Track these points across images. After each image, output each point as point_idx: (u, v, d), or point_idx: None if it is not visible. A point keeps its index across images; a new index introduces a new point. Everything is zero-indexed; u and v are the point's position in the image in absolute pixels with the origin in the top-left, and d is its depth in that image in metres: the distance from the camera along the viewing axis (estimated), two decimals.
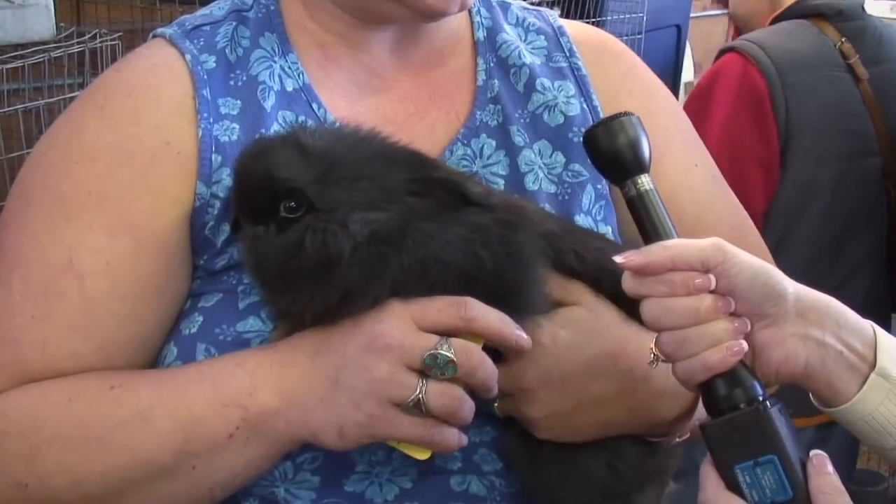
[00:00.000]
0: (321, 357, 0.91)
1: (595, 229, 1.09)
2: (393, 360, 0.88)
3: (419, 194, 0.92)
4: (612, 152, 0.91)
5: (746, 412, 0.86)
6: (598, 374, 0.95)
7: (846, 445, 2.36)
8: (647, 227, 0.90)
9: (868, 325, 0.91)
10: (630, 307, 0.94)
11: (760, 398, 0.86)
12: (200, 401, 0.92)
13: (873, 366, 0.89)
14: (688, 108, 2.31)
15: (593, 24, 2.33)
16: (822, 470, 0.85)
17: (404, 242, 0.89)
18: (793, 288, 0.89)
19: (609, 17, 3.12)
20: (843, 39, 2.30)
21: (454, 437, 0.90)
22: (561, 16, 1.23)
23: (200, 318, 0.99)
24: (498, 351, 0.93)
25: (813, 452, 0.87)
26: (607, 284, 0.96)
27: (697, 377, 0.87)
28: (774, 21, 2.42)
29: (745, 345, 0.86)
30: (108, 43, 2.08)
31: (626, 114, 0.92)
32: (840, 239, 2.34)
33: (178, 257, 1.01)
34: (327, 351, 0.91)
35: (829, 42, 2.31)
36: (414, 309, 0.89)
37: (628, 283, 0.88)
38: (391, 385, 0.88)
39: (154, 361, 1.02)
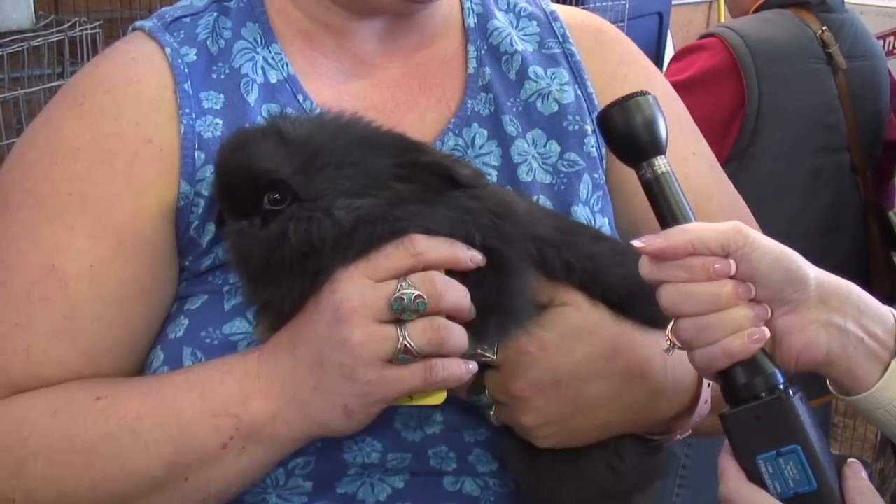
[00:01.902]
0: (300, 348, 0.89)
1: (592, 220, 1.07)
2: (363, 321, 0.85)
3: (406, 179, 0.90)
4: (628, 133, 0.89)
5: (768, 401, 0.84)
6: (592, 376, 0.93)
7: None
8: (664, 210, 0.88)
9: (888, 312, 0.89)
10: (622, 310, 0.94)
11: (782, 386, 0.85)
12: (189, 411, 0.90)
13: (894, 353, 0.87)
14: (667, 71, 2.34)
15: None
16: (859, 475, 0.84)
17: (390, 221, 0.87)
18: (814, 273, 0.87)
19: (592, 5, 3.11)
20: (823, 28, 2.30)
21: (458, 366, 0.88)
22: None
23: (186, 322, 0.97)
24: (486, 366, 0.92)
25: (850, 459, 0.86)
26: (597, 293, 0.94)
27: (717, 365, 0.85)
28: (759, 9, 2.41)
29: (766, 331, 0.85)
30: (88, 32, 2.06)
31: (642, 93, 0.90)
32: (814, 235, 2.33)
33: (163, 259, 0.99)
34: (302, 339, 0.89)
35: (809, 33, 2.30)
36: (363, 266, 0.87)
37: (646, 269, 0.86)
38: (372, 344, 0.85)
39: (141, 366, 1.00)
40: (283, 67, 1.04)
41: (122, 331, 0.97)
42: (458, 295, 0.87)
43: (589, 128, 1.09)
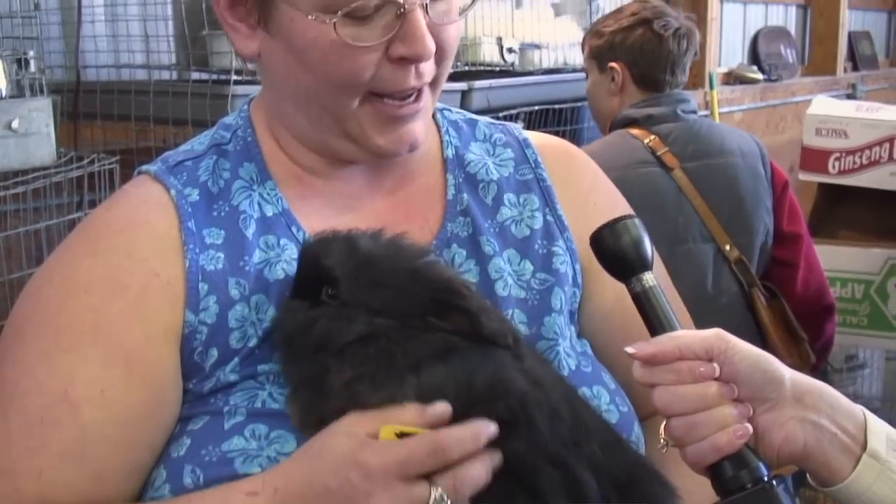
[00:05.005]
0: None
1: (564, 329, 1.15)
2: None
3: (439, 316, 0.98)
4: (618, 252, 1.00)
5: (754, 491, 0.92)
6: None
7: None
8: (652, 320, 0.98)
9: (859, 409, 0.98)
10: None
11: (766, 478, 0.93)
12: None
13: (865, 447, 0.95)
14: None
15: None
16: None
17: (390, 347, 0.96)
18: (789, 374, 0.96)
19: None
20: (652, 137, 2.54)
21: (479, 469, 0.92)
22: None
23: (188, 441, 1.03)
24: None
25: None
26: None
27: (707, 459, 0.93)
28: (611, 129, 2.67)
29: (749, 428, 0.93)
30: (106, 167, 2.13)
31: (629, 216, 1.01)
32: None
33: (169, 384, 1.04)
34: None
35: (638, 143, 2.53)
36: (394, 468, 0.91)
37: (638, 372, 0.95)
38: None
39: (143, 486, 1.04)
40: (277, 202, 1.12)
41: (129, 452, 1.02)
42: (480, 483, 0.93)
43: (558, 249, 1.18)
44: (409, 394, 0.95)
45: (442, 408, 0.93)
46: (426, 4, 1.03)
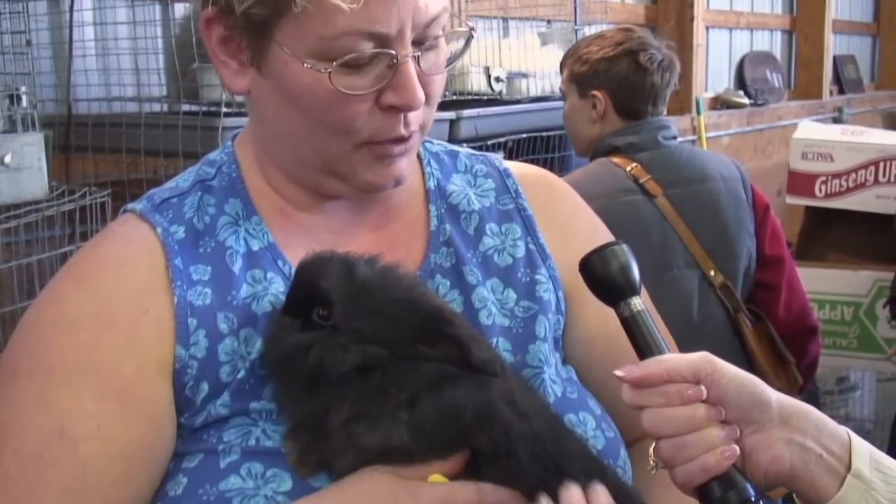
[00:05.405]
0: None
1: (551, 354, 1.16)
2: None
3: (428, 344, 0.99)
4: (606, 277, 1.01)
5: None
6: None
7: None
8: (640, 344, 1.00)
9: (843, 431, 0.99)
10: None
11: (753, 498, 0.94)
12: None
13: (849, 468, 0.96)
14: None
15: None
16: None
17: (385, 381, 0.97)
18: (775, 396, 0.98)
19: None
20: (634, 165, 2.55)
21: None
22: None
23: (185, 480, 1.03)
24: None
25: None
26: None
27: (696, 480, 0.95)
28: (592, 157, 2.68)
29: (737, 449, 0.94)
30: (98, 200, 2.14)
31: (616, 242, 1.03)
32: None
33: (164, 417, 1.05)
34: None
35: (620, 172, 2.54)
36: (441, 498, 0.95)
37: (628, 395, 0.97)
38: None
39: None
40: (263, 236, 1.13)
41: (128, 487, 1.02)
42: None
43: (541, 277, 1.19)
44: (403, 432, 0.97)
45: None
46: (418, 56, 1.05)
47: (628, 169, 2.54)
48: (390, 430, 0.97)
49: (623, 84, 2.62)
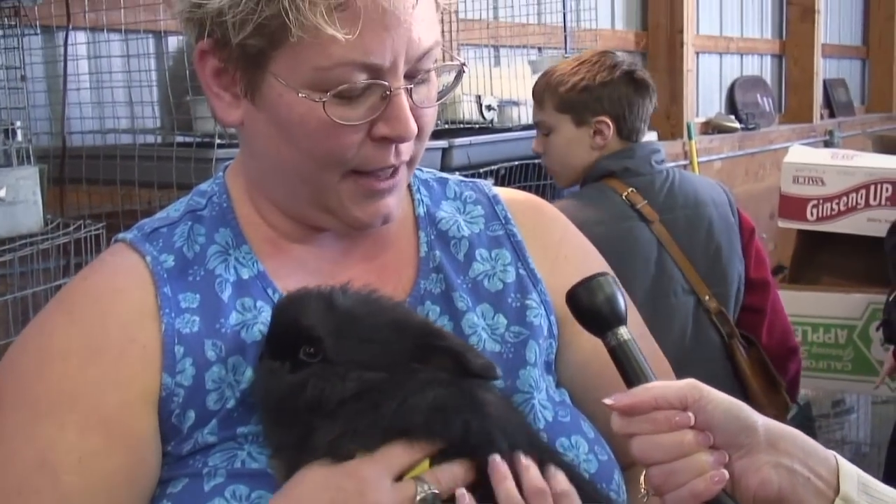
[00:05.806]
0: None
1: (540, 381, 1.17)
2: None
3: (423, 360, 1.01)
4: (593, 309, 1.03)
5: None
6: None
7: None
8: (628, 372, 1.01)
9: (831, 455, 1.00)
10: None
11: None
12: None
13: (837, 491, 0.97)
14: None
15: None
16: None
17: (379, 398, 0.98)
18: (762, 421, 0.99)
19: None
20: (630, 190, 2.52)
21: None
22: None
23: None
24: None
25: None
26: None
27: None
28: (583, 184, 2.63)
29: (726, 473, 0.96)
30: (93, 233, 2.15)
31: (601, 274, 1.04)
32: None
33: (148, 447, 1.05)
34: None
35: (617, 197, 2.51)
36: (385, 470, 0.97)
37: (617, 423, 0.98)
38: None
39: None
40: (253, 265, 1.13)
41: None
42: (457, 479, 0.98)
43: (531, 302, 1.20)
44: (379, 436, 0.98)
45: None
46: (410, 88, 1.06)
47: (624, 195, 2.51)
48: (379, 441, 0.98)
49: (627, 106, 2.56)
